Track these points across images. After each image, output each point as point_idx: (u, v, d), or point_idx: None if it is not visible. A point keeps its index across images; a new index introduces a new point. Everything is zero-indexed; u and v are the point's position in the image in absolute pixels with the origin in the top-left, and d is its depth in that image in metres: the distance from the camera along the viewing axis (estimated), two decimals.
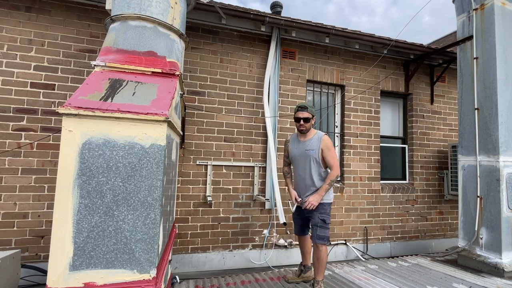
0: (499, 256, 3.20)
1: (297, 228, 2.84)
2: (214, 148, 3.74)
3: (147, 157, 1.71)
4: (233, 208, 3.77)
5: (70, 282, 1.55)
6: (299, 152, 2.68)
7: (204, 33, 3.81)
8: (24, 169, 3.04)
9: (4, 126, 3.02)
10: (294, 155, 2.72)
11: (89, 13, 3.37)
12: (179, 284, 2.83)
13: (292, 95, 4.16)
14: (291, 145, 2.78)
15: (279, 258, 3.90)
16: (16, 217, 2.99)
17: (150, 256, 1.68)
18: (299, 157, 2.68)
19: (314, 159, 2.61)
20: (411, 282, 2.90)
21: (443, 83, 5.12)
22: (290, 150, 2.76)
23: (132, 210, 1.67)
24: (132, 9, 2.27)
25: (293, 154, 2.73)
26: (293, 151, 2.73)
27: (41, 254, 3.05)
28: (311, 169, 2.61)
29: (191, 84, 3.71)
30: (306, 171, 2.63)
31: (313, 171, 2.61)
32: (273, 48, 3.99)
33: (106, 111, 1.65)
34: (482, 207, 3.43)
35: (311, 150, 2.62)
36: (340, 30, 4.10)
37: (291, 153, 2.75)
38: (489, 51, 3.46)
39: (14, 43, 3.11)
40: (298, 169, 2.69)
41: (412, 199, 4.75)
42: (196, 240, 3.60)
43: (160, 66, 2.21)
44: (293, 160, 2.74)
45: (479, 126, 3.52)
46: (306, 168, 2.63)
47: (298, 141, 2.73)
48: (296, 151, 2.71)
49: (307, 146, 2.65)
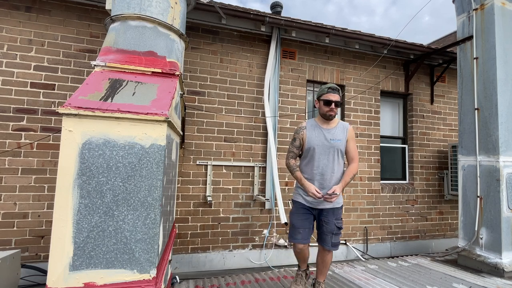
0: (499, 256, 3.20)
1: (304, 234, 2.30)
2: (214, 148, 3.74)
3: (147, 157, 1.71)
4: (233, 208, 3.77)
5: (70, 282, 1.55)
6: (321, 141, 2.26)
7: (204, 33, 3.81)
8: (24, 169, 3.04)
9: (4, 126, 3.02)
10: (313, 145, 2.27)
11: (89, 13, 3.37)
12: (179, 284, 2.83)
13: (292, 95, 4.16)
14: (309, 132, 2.31)
15: (279, 258, 3.90)
16: (16, 217, 2.99)
17: (150, 256, 1.68)
18: (320, 147, 2.25)
19: (339, 151, 2.26)
20: (411, 282, 2.90)
21: (443, 83, 5.12)
22: (308, 139, 2.29)
23: (132, 210, 1.67)
24: (132, 9, 2.27)
25: (312, 143, 2.27)
26: (313, 140, 2.28)
27: (41, 254, 3.05)
28: (334, 163, 2.25)
29: (191, 84, 3.71)
30: (329, 165, 2.25)
31: (336, 166, 2.25)
32: (273, 48, 3.99)
33: (106, 111, 1.65)
34: (482, 207, 3.43)
35: (337, 140, 2.26)
36: (340, 30, 4.10)
37: (310, 142, 2.28)
38: (489, 51, 3.46)
39: (14, 43, 3.11)
40: (317, 162, 2.26)
41: (412, 199, 4.75)
42: (196, 240, 3.60)
43: (160, 66, 2.21)
44: (310, 151, 2.29)
45: (479, 126, 3.52)
46: (329, 161, 2.25)
47: (319, 128, 2.31)
48: (316, 140, 2.27)
49: (333, 135, 2.27)
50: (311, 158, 2.29)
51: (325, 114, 2.27)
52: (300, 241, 2.30)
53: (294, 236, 2.33)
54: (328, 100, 2.24)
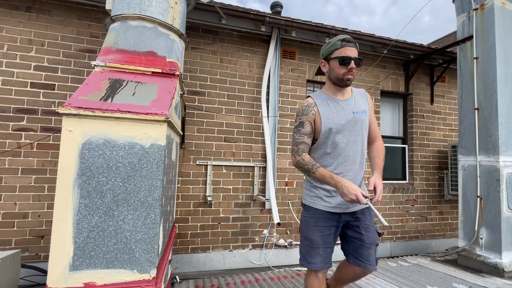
0: (499, 256, 3.20)
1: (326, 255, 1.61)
2: (214, 148, 3.74)
3: (147, 157, 1.71)
4: (233, 208, 3.77)
5: (70, 282, 1.55)
6: (344, 118, 1.59)
7: (204, 33, 3.81)
8: (24, 169, 3.04)
9: (4, 126, 3.02)
10: (333, 125, 1.57)
11: (89, 13, 3.37)
12: (179, 284, 2.83)
13: (292, 95, 4.16)
14: (322, 108, 1.59)
15: (279, 258, 3.90)
16: (16, 217, 2.99)
17: (150, 256, 1.68)
18: (343, 126, 1.58)
19: (365, 127, 1.65)
20: (411, 282, 2.90)
21: (443, 83, 5.12)
22: (323, 118, 1.58)
23: (132, 210, 1.67)
24: (132, 9, 2.27)
25: (331, 123, 1.57)
26: (332, 118, 1.58)
27: (41, 254, 3.05)
28: (364, 146, 1.65)
29: (191, 84, 3.71)
30: (358, 149, 1.61)
31: (364, 150, 1.66)
32: (273, 48, 3.99)
33: (106, 111, 1.65)
34: (482, 207, 3.43)
35: (362, 113, 1.62)
36: (340, 30, 4.10)
37: (328, 122, 1.57)
38: (489, 51, 3.46)
39: (14, 43, 3.11)
40: (341, 149, 1.59)
41: (412, 199, 4.75)
42: (196, 240, 3.59)
43: (160, 66, 2.21)
44: (329, 135, 1.58)
45: (479, 126, 3.52)
46: (358, 144, 1.61)
47: (333, 101, 1.62)
48: (337, 117, 1.58)
49: (355, 107, 1.62)
50: (332, 146, 1.58)
51: (341, 78, 1.56)
52: (321, 266, 1.58)
53: (310, 259, 1.59)
54: (346, 57, 1.51)
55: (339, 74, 1.56)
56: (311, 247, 1.61)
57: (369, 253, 1.62)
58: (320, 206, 1.64)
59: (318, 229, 1.61)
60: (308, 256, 1.61)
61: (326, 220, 1.62)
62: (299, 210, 4.03)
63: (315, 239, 1.60)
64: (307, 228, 1.64)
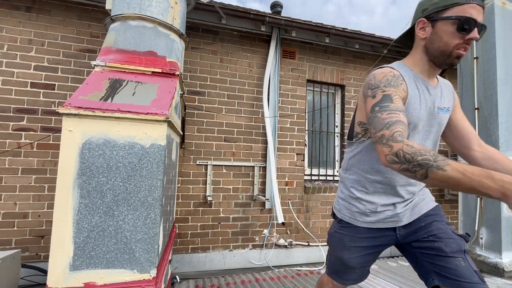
0: (499, 256, 3.20)
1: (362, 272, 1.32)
2: (214, 148, 3.74)
3: (147, 157, 1.71)
4: (233, 208, 3.77)
5: (70, 282, 1.55)
6: (428, 111, 1.15)
7: (204, 33, 3.81)
8: (24, 169, 3.04)
9: (4, 126, 3.02)
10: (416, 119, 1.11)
11: (89, 13, 3.37)
12: (179, 284, 2.83)
13: (292, 95, 4.16)
14: (412, 91, 1.11)
15: (279, 258, 3.90)
16: (16, 217, 2.99)
17: (150, 256, 1.68)
18: (425, 123, 1.15)
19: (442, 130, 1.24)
20: (411, 282, 2.90)
21: None
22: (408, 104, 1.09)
23: (132, 210, 1.67)
24: (132, 9, 2.27)
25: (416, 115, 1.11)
26: (418, 109, 1.11)
27: (41, 254, 3.05)
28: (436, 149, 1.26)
29: (191, 84, 3.71)
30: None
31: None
32: (273, 48, 3.99)
33: (106, 111, 1.65)
34: (482, 207, 3.43)
35: (445, 111, 1.20)
36: (340, 30, 4.10)
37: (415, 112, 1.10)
38: (489, 51, 3.46)
39: (14, 43, 3.11)
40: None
41: None
42: (196, 240, 3.60)
43: (160, 66, 2.21)
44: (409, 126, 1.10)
45: (479, 126, 3.52)
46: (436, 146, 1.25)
47: (424, 85, 1.15)
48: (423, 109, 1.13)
49: (442, 100, 1.19)
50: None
51: (449, 53, 1.05)
52: (352, 282, 1.33)
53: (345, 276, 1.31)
54: (470, 18, 0.98)
55: (449, 44, 1.03)
56: (346, 266, 1.27)
57: (456, 265, 1.06)
58: (362, 224, 1.22)
59: (358, 249, 1.24)
60: (341, 272, 1.31)
61: (370, 240, 1.23)
62: (299, 210, 4.03)
63: (351, 261, 1.25)
64: (341, 247, 1.27)
